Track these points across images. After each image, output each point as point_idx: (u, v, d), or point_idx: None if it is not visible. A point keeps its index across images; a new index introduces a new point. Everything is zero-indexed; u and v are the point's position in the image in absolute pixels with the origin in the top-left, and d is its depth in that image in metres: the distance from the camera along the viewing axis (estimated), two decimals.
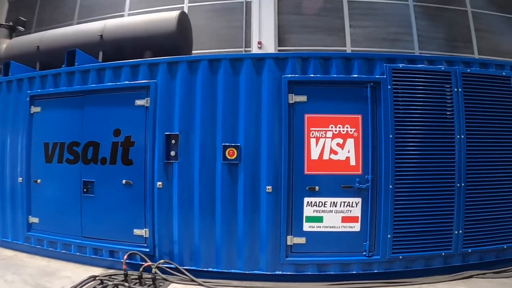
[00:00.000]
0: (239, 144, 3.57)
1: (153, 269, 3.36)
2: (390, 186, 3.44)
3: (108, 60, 4.45)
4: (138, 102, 3.83)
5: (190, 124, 3.68)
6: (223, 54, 3.79)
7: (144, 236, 3.74)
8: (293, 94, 3.58)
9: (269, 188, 3.52)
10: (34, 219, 4.17)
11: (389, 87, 3.50)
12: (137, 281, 3.32)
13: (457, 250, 3.44)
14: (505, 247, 3.52)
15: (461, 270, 3.45)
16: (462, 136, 3.48)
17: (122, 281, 3.25)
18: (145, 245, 3.73)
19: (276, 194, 3.51)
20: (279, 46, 7.61)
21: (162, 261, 3.53)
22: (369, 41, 7.30)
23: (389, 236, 3.42)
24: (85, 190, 3.94)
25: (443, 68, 3.55)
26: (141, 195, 3.78)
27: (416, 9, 7.70)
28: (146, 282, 3.33)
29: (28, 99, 4.26)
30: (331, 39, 7.40)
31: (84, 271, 3.65)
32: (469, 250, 3.46)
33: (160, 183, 3.70)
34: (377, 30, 7.57)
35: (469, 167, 3.47)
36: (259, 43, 7.37)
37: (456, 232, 3.43)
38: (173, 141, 3.70)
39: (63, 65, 4.22)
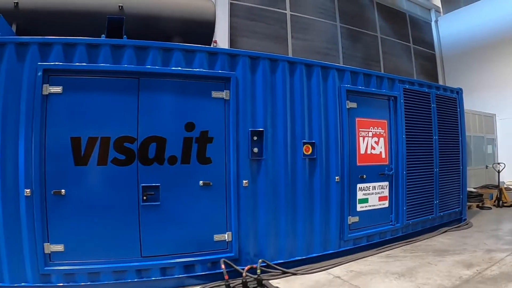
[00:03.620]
0: (314, 141, 3.97)
1: (258, 271, 3.28)
2: (404, 172, 4.73)
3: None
4: (216, 94, 3.54)
5: (273, 121, 3.77)
6: (299, 58, 4.05)
7: (227, 240, 3.51)
8: (348, 101, 4.31)
9: (337, 178, 4.12)
10: (55, 247, 3.06)
11: (401, 101, 4.79)
12: None
13: (436, 214, 5.13)
14: (457, 210, 5.53)
15: (439, 228, 5.18)
16: (436, 137, 5.21)
17: None
18: (227, 249, 3.52)
19: (341, 182, 4.14)
20: (231, 47, 7.86)
21: (260, 260, 3.47)
22: (306, 53, 8.26)
23: (404, 208, 4.70)
24: (145, 198, 3.23)
25: (426, 90, 5.18)
26: (222, 196, 3.52)
27: (342, 30, 9.36)
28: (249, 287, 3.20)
29: (40, 73, 3.01)
30: (276, 47, 8.06)
31: None
32: (441, 214, 5.22)
33: (246, 181, 3.58)
34: (313, 44, 8.77)
35: (440, 158, 5.24)
36: (215, 42, 7.37)
37: (435, 201, 5.12)
38: (255, 138, 3.66)
39: (103, 35, 3.27)
